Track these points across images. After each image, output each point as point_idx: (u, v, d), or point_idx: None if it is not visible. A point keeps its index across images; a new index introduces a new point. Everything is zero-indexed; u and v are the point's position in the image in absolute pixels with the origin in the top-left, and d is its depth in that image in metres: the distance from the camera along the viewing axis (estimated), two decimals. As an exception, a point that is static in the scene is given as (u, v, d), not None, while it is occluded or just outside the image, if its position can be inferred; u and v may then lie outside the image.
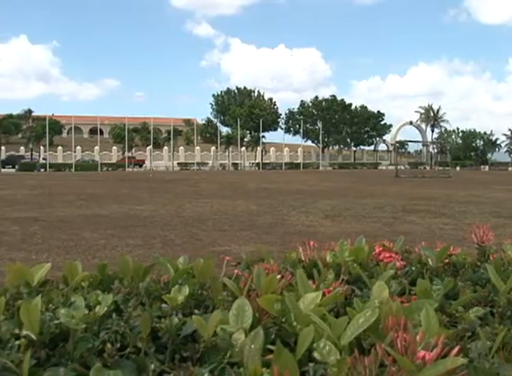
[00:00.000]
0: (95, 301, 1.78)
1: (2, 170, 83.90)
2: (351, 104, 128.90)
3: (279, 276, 2.04)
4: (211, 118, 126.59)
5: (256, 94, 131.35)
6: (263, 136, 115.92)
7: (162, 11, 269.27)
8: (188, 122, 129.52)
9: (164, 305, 1.89)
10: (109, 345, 1.56)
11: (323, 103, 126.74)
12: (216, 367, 1.47)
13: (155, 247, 13.11)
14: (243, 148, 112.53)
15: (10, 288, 2.05)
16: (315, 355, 1.48)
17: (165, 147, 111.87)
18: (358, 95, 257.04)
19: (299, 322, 1.68)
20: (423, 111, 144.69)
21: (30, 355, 1.45)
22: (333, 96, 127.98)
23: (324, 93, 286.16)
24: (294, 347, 1.55)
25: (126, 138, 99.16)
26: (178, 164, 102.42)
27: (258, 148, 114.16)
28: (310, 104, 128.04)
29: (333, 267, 2.41)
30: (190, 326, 1.67)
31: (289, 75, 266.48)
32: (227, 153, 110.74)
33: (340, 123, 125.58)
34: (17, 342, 1.54)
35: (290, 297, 1.72)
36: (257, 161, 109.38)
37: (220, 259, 2.48)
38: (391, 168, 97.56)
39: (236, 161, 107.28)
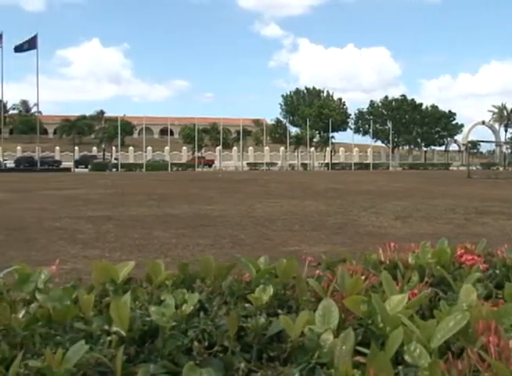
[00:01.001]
0: (182, 300, 1.80)
1: (76, 170, 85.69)
2: (421, 104, 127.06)
3: (362, 278, 2.03)
4: (280, 118, 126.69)
5: (325, 94, 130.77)
6: (332, 136, 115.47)
7: (230, 12, 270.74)
8: (257, 122, 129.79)
9: (247, 305, 1.89)
10: (196, 344, 1.57)
11: (393, 103, 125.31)
12: (305, 367, 1.46)
13: (225, 247, 13.17)
14: (313, 148, 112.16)
15: (96, 285, 2.09)
16: (406, 357, 1.46)
17: (234, 147, 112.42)
18: (428, 95, 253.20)
19: (386, 324, 1.66)
20: (496, 110, 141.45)
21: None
22: (403, 96, 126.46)
23: (393, 93, 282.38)
24: (381, 349, 1.53)
25: (196, 138, 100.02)
26: (247, 164, 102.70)
27: (327, 148, 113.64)
28: (380, 104, 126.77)
29: (415, 269, 2.38)
30: (276, 326, 1.67)
31: (358, 75, 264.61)
32: (296, 154, 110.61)
33: (410, 123, 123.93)
34: (109, 338, 1.56)
35: (376, 298, 1.70)
36: (326, 162, 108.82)
37: (302, 260, 2.46)
38: (462, 168, 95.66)
39: (305, 162, 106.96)
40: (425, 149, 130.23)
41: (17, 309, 1.81)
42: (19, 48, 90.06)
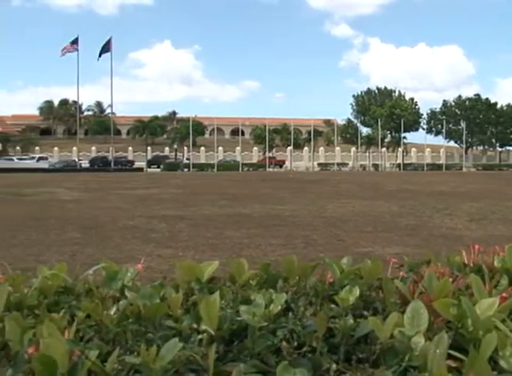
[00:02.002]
0: (269, 300, 1.80)
1: (148, 170, 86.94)
2: (496, 103, 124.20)
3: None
4: (351, 119, 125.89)
5: (397, 94, 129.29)
6: (404, 137, 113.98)
7: (301, 13, 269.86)
8: (328, 123, 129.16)
9: (332, 306, 1.88)
10: (284, 343, 1.57)
11: (467, 103, 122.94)
12: (397, 370, 1.45)
13: (298, 247, 13.16)
14: (384, 149, 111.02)
15: (181, 284, 2.11)
16: (501, 363, 1.43)
17: (305, 148, 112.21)
18: (503, 94, 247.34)
19: (478, 328, 1.62)
20: None
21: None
22: (477, 95, 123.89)
23: (467, 92, 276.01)
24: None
25: (267, 138, 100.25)
26: (318, 164, 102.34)
27: (399, 149, 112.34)
28: (453, 104, 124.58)
29: (503, 272, 2.32)
30: (365, 327, 1.66)
31: (429, 74, 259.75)
32: (367, 154, 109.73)
33: (484, 123, 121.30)
34: (199, 336, 1.58)
35: (467, 301, 1.67)
36: (397, 162, 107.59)
37: (385, 261, 2.44)
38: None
39: (377, 162, 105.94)
40: (500, 149, 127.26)
41: (107, 305, 1.85)
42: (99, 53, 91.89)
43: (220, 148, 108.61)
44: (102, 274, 2.25)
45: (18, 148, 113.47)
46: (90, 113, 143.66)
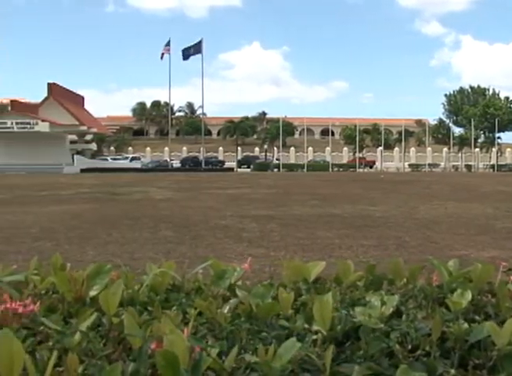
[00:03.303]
0: (381, 302, 1.79)
1: (238, 170, 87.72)
2: None
3: None
4: (443, 118, 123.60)
5: (490, 93, 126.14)
6: (498, 137, 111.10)
7: (389, 11, 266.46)
8: (419, 123, 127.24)
9: (442, 309, 1.85)
10: (398, 346, 1.55)
11: None
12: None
13: (389, 249, 12.98)
14: (477, 149, 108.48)
15: (288, 284, 2.12)
16: None
17: (396, 148, 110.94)
18: None
19: None
20: None
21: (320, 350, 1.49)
22: None
23: None
24: None
25: (357, 139, 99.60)
26: (408, 165, 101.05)
27: (493, 149, 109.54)
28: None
29: None
30: (479, 332, 1.62)
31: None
32: (460, 155, 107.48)
33: None
34: (314, 337, 1.58)
35: None
36: (491, 163, 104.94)
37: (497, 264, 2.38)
38: None
39: (469, 163, 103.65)
40: None
41: (217, 303, 1.87)
42: (186, 54, 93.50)
43: (310, 148, 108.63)
44: (204, 272, 2.29)
45: (112, 148, 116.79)
46: (181, 113, 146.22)
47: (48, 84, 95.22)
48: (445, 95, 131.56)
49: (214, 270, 2.17)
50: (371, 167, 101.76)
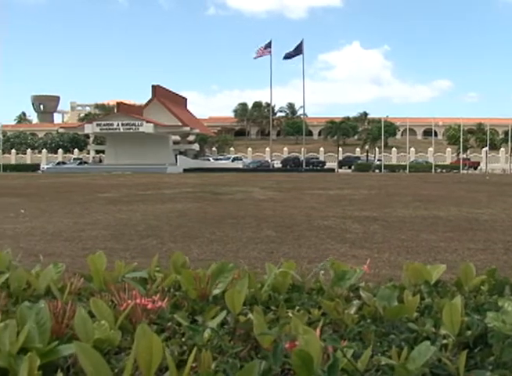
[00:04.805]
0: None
1: (339, 170, 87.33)
2: None
3: None
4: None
5: None
6: None
7: (494, 8, 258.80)
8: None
9: None
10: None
11: None
12: None
13: (497, 253, 12.62)
14: None
15: (407, 286, 2.09)
16: None
17: (502, 149, 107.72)
18: None
19: None
20: None
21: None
22: None
23: None
24: None
25: (461, 139, 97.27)
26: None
27: None
28: None
29: None
30: None
31: None
32: None
33: None
34: (444, 341, 1.55)
35: None
36: None
37: None
38: None
39: None
40: None
41: (341, 305, 1.87)
42: (287, 56, 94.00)
43: (412, 149, 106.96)
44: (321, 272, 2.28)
45: (214, 148, 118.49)
46: (282, 114, 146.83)
47: (153, 86, 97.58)
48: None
49: (334, 271, 2.17)
50: (475, 168, 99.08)
